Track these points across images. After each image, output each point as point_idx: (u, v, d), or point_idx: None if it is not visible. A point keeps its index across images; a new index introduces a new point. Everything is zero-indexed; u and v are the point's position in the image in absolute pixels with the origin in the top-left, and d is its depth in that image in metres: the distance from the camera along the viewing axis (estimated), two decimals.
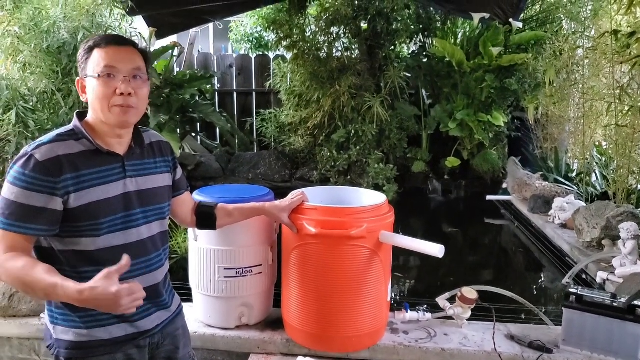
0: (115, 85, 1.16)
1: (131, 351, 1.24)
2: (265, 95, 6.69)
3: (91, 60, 1.18)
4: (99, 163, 1.18)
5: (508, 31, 5.33)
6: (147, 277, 1.24)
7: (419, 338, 1.88)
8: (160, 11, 4.93)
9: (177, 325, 1.37)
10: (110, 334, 1.20)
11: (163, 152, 1.35)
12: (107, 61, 1.16)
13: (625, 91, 3.44)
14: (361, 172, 5.39)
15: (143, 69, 1.22)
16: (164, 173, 1.34)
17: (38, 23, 3.24)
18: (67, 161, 1.13)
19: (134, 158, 1.25)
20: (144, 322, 1.25)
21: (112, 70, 1.16)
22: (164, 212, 1.32)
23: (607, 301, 1.73)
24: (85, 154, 1.17)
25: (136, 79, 1.19)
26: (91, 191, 1.15)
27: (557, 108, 4.80)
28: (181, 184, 1.44)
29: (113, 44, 1.18)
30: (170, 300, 1.35)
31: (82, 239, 1.15)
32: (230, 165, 6.00)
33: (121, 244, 1.19)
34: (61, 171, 1.12)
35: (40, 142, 1.15)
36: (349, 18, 5.35)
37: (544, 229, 3.83)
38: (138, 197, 1.23)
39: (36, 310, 2.01)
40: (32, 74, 3.31)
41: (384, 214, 1.73)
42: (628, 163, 3.58)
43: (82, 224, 1.14)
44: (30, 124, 2.95)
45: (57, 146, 1.14)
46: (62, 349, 1.20)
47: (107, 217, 1.17)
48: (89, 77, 1.18)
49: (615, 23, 3.79)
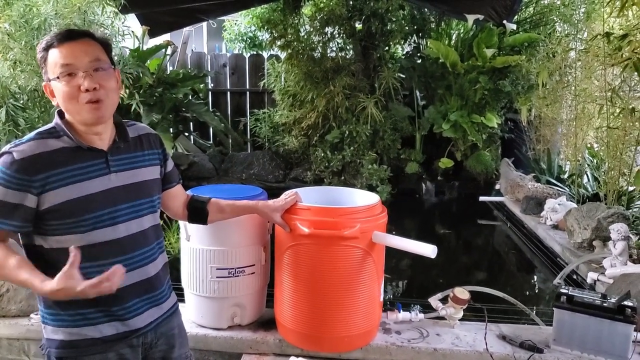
0: (77, 82, 1.13)
1: (123, 350, 1.22)
2: (259, 95, 6.67)
3: (49, 62, 1.15)
4: (80, 159, 1.17)
5: (502, 33, 5.36)
6: (139, 271, 1.23)
7: (411, 338, 1.88)
8: (154, 9, 4.89)
9: (173, 325, 1.35)
10: (100, 333, 1.20)
11: (152, 144, 1.33)
12: (63, 59, 1.13)
13: (616, 93, 3.47)
14: (355, 172, 5.39)
15: (104, 59, 1.17)
16: (153, 166, 1.32)
17: (29, 20, 3.20)
18: (46, 159, 1.13)
19: (119, 152, 1.23)
20: (136, 320, 1.23)
21: (70, 69, 1.13)
22: (154, 205, 1.31)
23: (597, 301, 1.74)
24: (66, 150, 1.16)
25: (98, 71, 1.15)
26: (73, 187, 1.14)
27: (549, 110, 4.83)
28: (172, 176, 1.42)
29: (66, 40, 1.14)
30: (165, 296, 1.33)
31: (69, 236, 1.15)
32: (224, 165, 5.98)
33: (110, 239, 1.18)
34: (38, 169, 1.11)
35: (20, 141, 1.15)
36: (343, 18, 5.35)
37: (536, 230, 3.85)
38: (124, 192, 1.22)
39: (25, 311, 1.99)
40: (22, 72, 3.27)
41: (377, 215, 1.73)
42: (619, 165, 3.62)
43: (66, 221, 1.14)
44: (20, 122, 2.92)
45: (37, 144, 1.14)
46: (52, 349, 1.20)
47: (92, 213, 1.16)
48: (52, 81, 1.15)
49: (608, 25, 3.82)
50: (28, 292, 1.97)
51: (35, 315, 1.96)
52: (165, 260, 1.35)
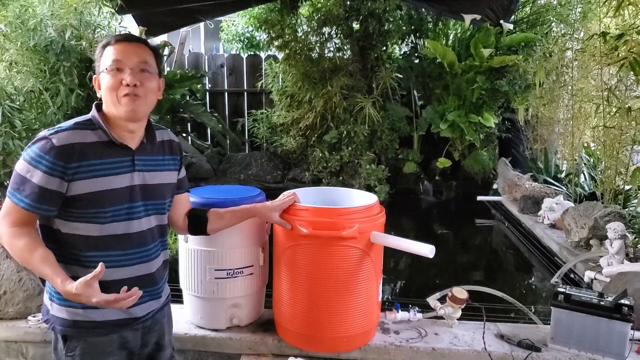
0: (122, 77, 1.21)
1: (126, 333, 1.32)
2: (257, 95, 6.67)
3: (103, 57, 1.25)
4: (110, 154, 1.24)
5: (499, 33, 5.37)
6: (142, 266, 1.31)
7: (409, 338, 1.88)
8: (150, 10, 4.88)
9: (164, 313, 1.46)
10: (104, 316, 1.27)
11: (173, 150, 1.41)
12: (115, 56, 1.22)
13: (613, 93, 3.48)
14: (353, 173, 5.40)
15: (151, 63, 1.27)
16: (171, 171, 1.40)
17: (25, 21, 3.19)
18: (81, 149, 1.20)
19: (145, 153, 1.31)
20: (137, 310, 1.32)
21: (119, 64, 1.22)
22: (164, 207, 1.38)
23: (594, 300, 1.75)
24: (98, 144, 1.23)
25: (143, 72, 1.24)
26: (100, 180, 1.21)
27: (546, 109, 4.85)
28: (183, 183, 1.49)
29: (122, 41, 1.25)
30: (163, 290, 1.42)
31: (88, 224, 1.22)
32: (222, 166, 5.98)
33: (123, 232, 1.26)
34: (73, 158, 1.18)
35: (59, 127, 1.22)
36: (340, 18, 5.36)
37: (533, 229, 3.86)
38: (142, 191, 1.29)
39: (23, 313, 1.98)
40: (18, 73, 3.26)
41: (375, 215, 1.73)
42: (615, 164, 3.63)
43: (89, 211, 1.21)
44: (16, 124, 2.90)
45: (74, 134, 1.20)
46: (57, 326, 1.26)
47: (113, 206, 1.23)
48: (101, 73, 1.24)
49: (604, 25, 3.83)
50: (26, 294, 1.96)
51: (32, 318, 1.95)
52: (166, 257, 1.43)
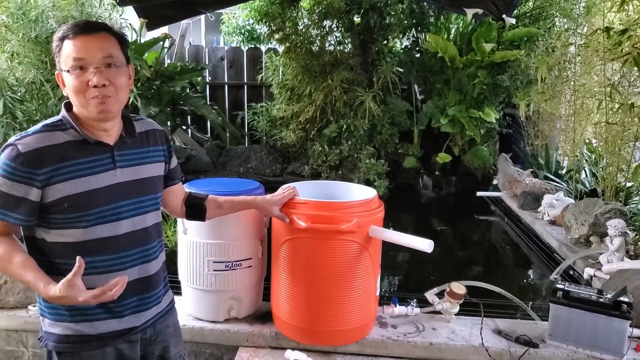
0: (87, 77, 1.11)
1: (122, 346, 1.22)
2: (257, 88, 6.65)
3: (62, 53, 1.13)
4: (86, 153, 1.15)
5: (501, 27, 5.34)
6: (139, 268, 1.23)
7: (407, 332, 1.89)
8: (151, 2, 4.85)
9: (169, 323, 1.35)
10: (95, 330, 1.20)
11: (158, 140, 1.32)
12: (76, 53, 1.11)
13: (615, 89, 3.46)
14: (352, 167, 5.39)
15: (117, 55, 1.15)
16: (158, 162, 1.31)
17: (26, 12, 3.18)
18: (52, 152, 1.12)
19: (125, 147, 1.22)
20: (132, 319, 1.23)
21: (81, 63, 1.11)
22: (157, 202, 1.31)
23: (593, 297, 1.75)
24: (72, 144, 1.14)
25: (110, 68, 1.13)
26: (79, 181, 1.13)
27: (548, 105, 4.82)
28: (176, 173, 1.42)
29: (81, 33, 1.12)
30: (163, 294, 1.33)
31: (71, 230, 1.14)
32: (221, 159, 5.97)
33: (111, 235, 1.17)
34: (43, 163, 1.10)
35: (26, 133, 1.14)
36: (341, 11, 5.32)
37: (533, 225, 3.86)
38: (129, 188, 1.21)
39: (23, 302, 1.99)
40: (20, 64, 3.26)
41: (373, 209, 1.73)
42: (617, 161, 3.62)
43: (71, 215, 1.13)
44: (18, 115, 2.90)
45: (42, 137, 1.12)
46: (50, 342, 1.20)
47: (96, 208, 1.15)
48: (63, 72, 1.14)
49: (608, 20, 3.81)
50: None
51: (33, 307, 1.96)
52: (164, 258, 1.35)
